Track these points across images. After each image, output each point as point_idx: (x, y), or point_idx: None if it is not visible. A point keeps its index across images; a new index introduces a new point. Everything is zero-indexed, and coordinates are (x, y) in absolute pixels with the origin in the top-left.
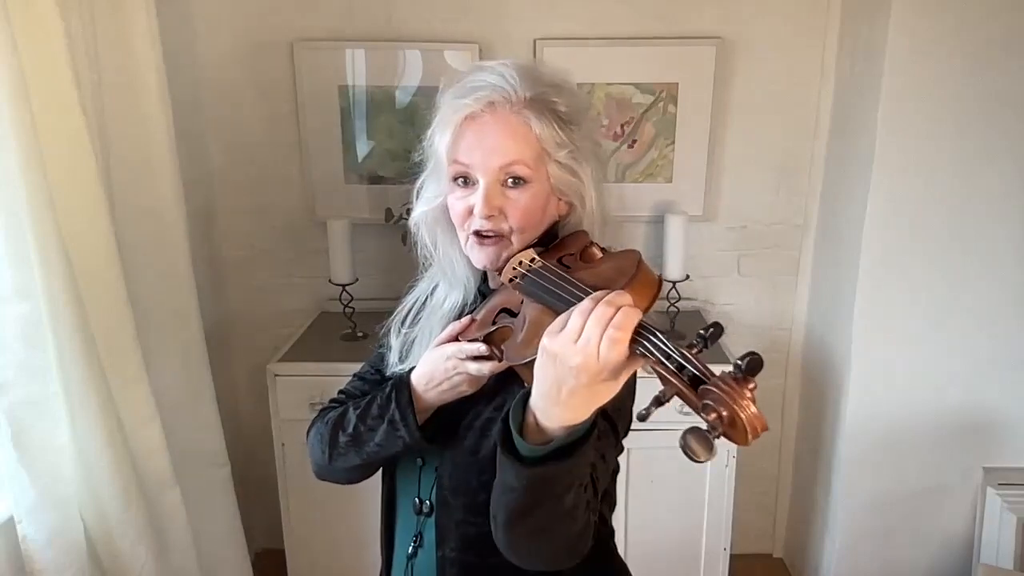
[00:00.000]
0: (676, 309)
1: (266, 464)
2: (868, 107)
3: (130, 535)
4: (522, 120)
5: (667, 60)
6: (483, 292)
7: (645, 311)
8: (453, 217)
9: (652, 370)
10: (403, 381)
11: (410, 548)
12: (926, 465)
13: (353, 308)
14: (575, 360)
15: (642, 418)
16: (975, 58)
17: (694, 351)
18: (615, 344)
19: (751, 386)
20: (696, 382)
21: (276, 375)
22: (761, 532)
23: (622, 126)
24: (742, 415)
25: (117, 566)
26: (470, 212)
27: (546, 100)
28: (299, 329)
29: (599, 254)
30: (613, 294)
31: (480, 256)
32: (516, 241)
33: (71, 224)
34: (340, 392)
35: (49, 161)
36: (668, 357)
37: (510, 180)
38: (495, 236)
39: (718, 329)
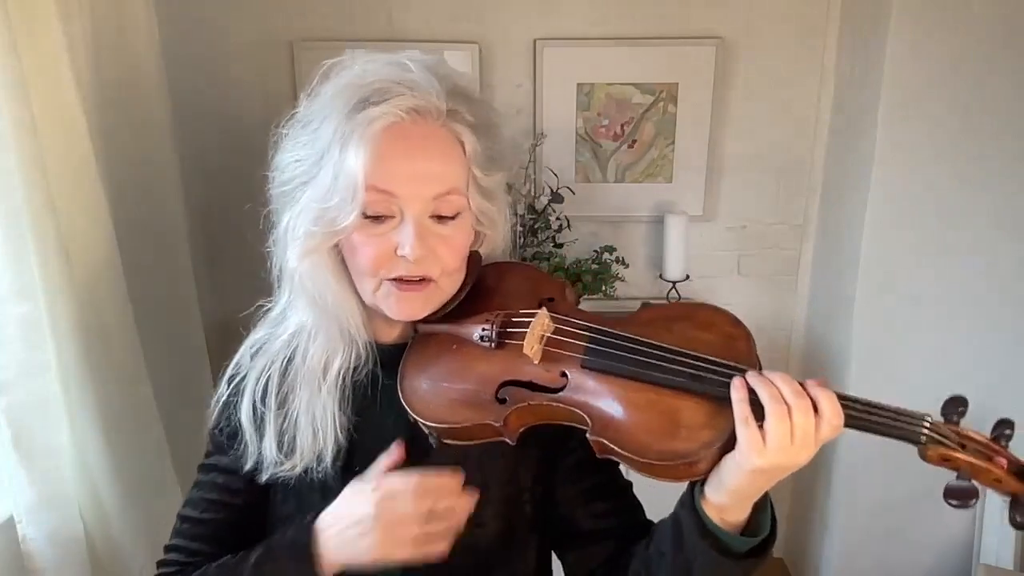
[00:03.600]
0: None
1: None
2: (868, 107)
3: (130, 535)
4: (452, 135)
5: (667, 60)
6: (381, 349)
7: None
8: (360, 260)
9: (958, 464)
10: (303, 530)
11: None
12: (926, 465)
13: None
14: (799, 460)
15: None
16: (975, 58)
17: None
18: (836, 430)
19: None
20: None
21: None
22: None
23: (622, 126)
24: None
25: (117, 566)
26: (390, 254)
27: (466, 108)
28: None
29: (573, 299)
30: (784, 380)
31: (404, 307)
32: (446, 285)
33: (71, 224)
34: (171, 550)
35: (49, 161)
36: (876, 419)
37: (440, 213)
38: (422, 281)
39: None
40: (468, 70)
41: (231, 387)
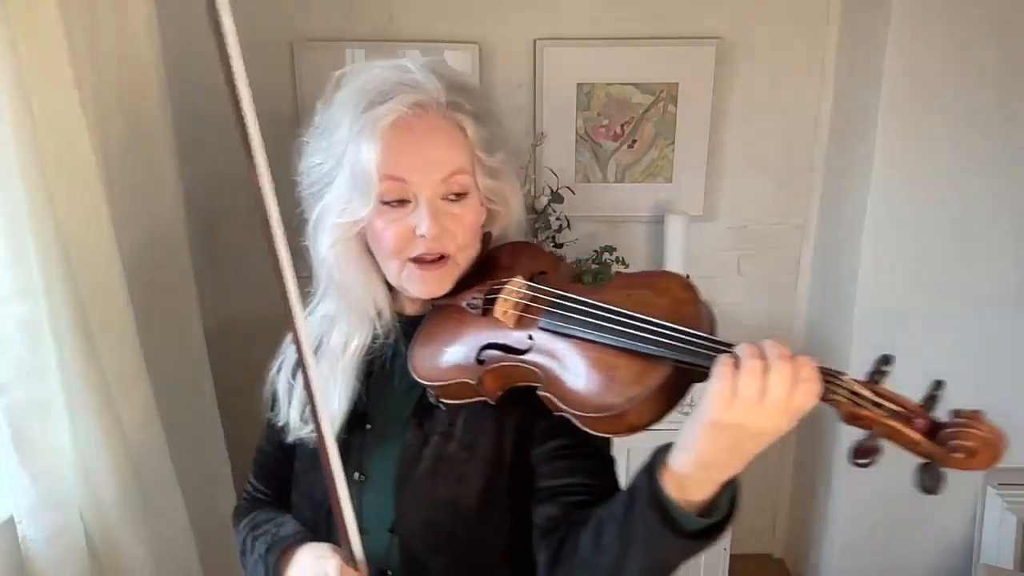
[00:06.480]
0: None
1: None
2: (868, 107)
3: (130, 535)
4: (453, 123)
5: (667, 60)
6: (404, 324)
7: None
8: (383, 243)
9: (858, 416)
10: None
11: None
12: None
13: None
14: (768, 424)
15: (863, 464)
16: (976, 58)
17: (877, 386)
18: (811, 397)
19: (982, 414)
20: (904, 419)
21: None
22: (761, 532)
23: (622, 126)
24: (996, 443)
25: (117, 566)
26: (410, 236)
27: (464, 99)
28: None
29: (568, 274)
30: (774, 344)
31: (426, 285)
32: (462, 260)
33: (71, 224)
34: (248, 483)
35: (49, 161)
36: (860, 396)
37: (451, 194)
38: (441, 258)
39: (885, 359)
40: (468, 70)
41: (276, 363)
